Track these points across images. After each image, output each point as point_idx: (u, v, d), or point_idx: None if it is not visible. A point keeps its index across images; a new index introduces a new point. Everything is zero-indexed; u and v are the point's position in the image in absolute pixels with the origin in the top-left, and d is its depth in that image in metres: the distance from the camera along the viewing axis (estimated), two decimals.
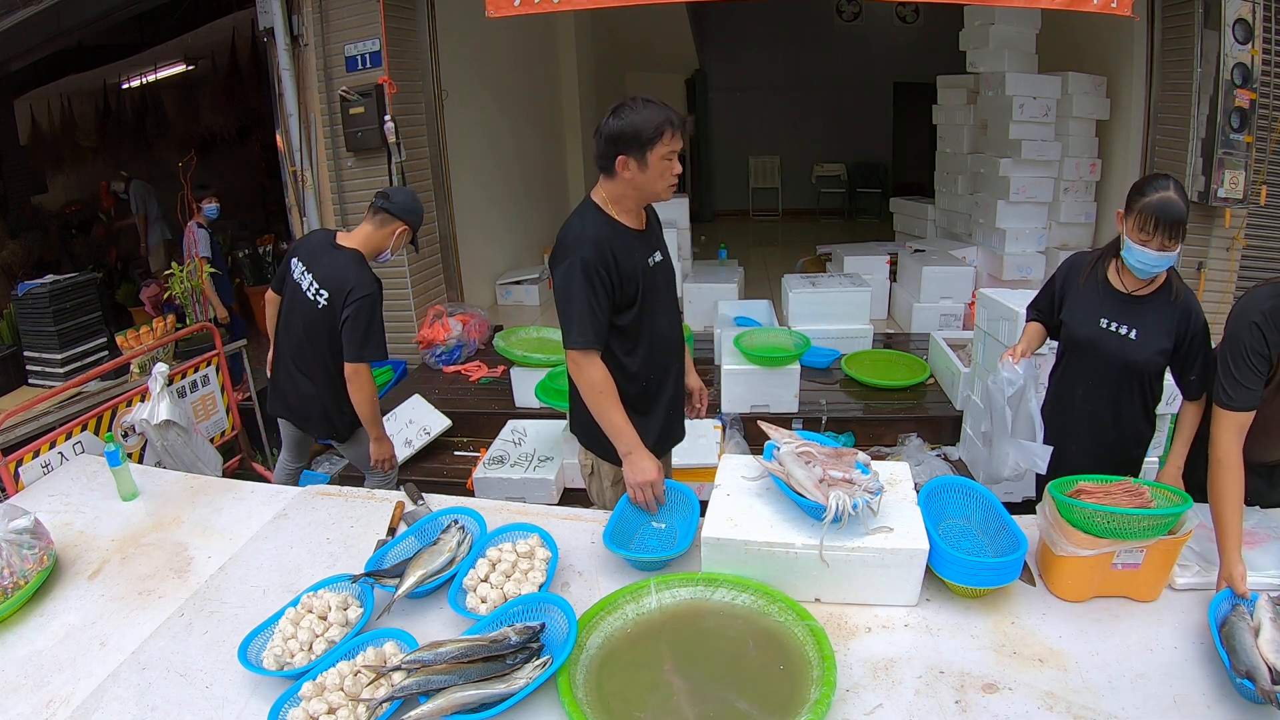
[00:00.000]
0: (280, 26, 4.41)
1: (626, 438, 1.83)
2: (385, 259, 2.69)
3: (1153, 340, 1.95)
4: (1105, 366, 2.03)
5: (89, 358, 3.58)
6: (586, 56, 8.07)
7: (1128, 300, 2.00)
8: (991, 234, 5.55)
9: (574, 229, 1.85)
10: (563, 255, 1.84)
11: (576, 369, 1.84)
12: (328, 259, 2.57)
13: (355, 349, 2.51)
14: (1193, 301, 1.96)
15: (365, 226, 2.62)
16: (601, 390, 1.83)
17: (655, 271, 1.97)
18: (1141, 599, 1.50)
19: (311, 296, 2.57)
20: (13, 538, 1.67)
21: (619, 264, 1.83)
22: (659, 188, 1.84)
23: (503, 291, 6.28)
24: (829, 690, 1.23)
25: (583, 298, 1.80)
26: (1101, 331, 2.02)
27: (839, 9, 9.64)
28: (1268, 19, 3.94)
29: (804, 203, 10.10)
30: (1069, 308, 2.11)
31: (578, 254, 1.80)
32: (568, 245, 1.84)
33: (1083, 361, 2.08)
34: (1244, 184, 3.99)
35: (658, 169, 1.80)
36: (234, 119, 7.73)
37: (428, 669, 1.28)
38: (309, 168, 4.69)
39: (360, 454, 2.88)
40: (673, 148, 1.80)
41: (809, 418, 3.90)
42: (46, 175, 8.01)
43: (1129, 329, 1.98)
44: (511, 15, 3.72)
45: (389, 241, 2.63)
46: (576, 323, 1.81)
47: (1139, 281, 1.97)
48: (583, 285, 1.79)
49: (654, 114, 1.76)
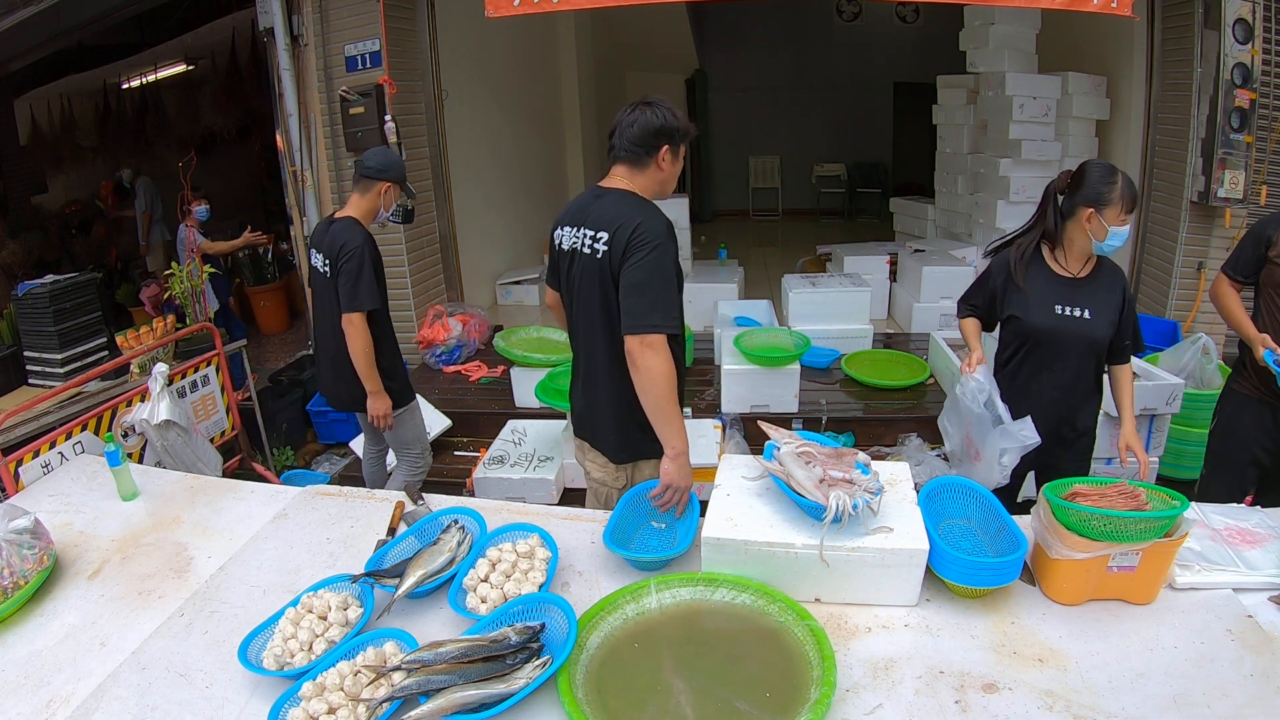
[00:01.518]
0: (280, 26, 4.41)
1: (684, 435, 1.80)
2: (384, 219, 2.82)
3: (1105, 315, 2.10)
4: (1068, 351, 2.13)
5: (89, 358, 3.58)
6: (586, 56, 8.07)
7: (1075, 283, 2.12)
8: (991, 234, 5.54)
9: (660, 218, 1.83)
10: (657, 238, 1.78)
11: (651, 353, 1.73)
12: (327, 235, 2.73)
13: (347, 299, 2.61)
14: (1121, 273, 2.18)
15: (353, 196, 2.76)
16: (673, 383, 1.78)
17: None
18: (1138, 602, 1.49)
19: (322, 270, 2.73)
20: (13, 538, 1.67)
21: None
22: (670, 186, 1.95)
23: (503, 291, 6.28)
24: (829, 690, 1.23)
25: (674, 280, 1.79)
26: (1059, 318, 2.11)
27: (839, 9, 9.64)
28: (1268, 19, 3.94)
29: (804, 203, 10.11)
30: (1017, 303, 2.17)
31: (671, 242, 1.81)
32: (662, 230, 1.80)
33: (1044, 351, 2.16)
34: (1244, 184, 3.99)
35: (676, 166, 1.92)
36: (234, 119, 7.72)
37: (428, 669, 1.28)
38: (309, 168, 4.69)
39: (394, 437, 2.95)
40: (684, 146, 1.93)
41: (809, 418, 3.90)
42: (46, 175, 8.00)
43: (1082, 310, 2.10)
44: (511, 15, 3.72)
45: (378, 202, 2.74)
46: (668, 304, 1.76)
47: (1080, 263, 2.13)
48: (674, 269, 1.80)
49: (681, 115, 1.89)
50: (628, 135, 1.85)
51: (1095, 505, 1.48)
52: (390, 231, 4.66)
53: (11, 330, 3.78)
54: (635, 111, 1.86)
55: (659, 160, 1.87)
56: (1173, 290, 4.36)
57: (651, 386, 1.76)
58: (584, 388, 2.05)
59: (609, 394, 1.94)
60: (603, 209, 1.85)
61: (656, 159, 1.87)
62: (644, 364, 1.74)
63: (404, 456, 3.01)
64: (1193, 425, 3.36)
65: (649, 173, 1.89)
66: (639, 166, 1.88)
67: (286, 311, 6.49)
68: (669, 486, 1.79)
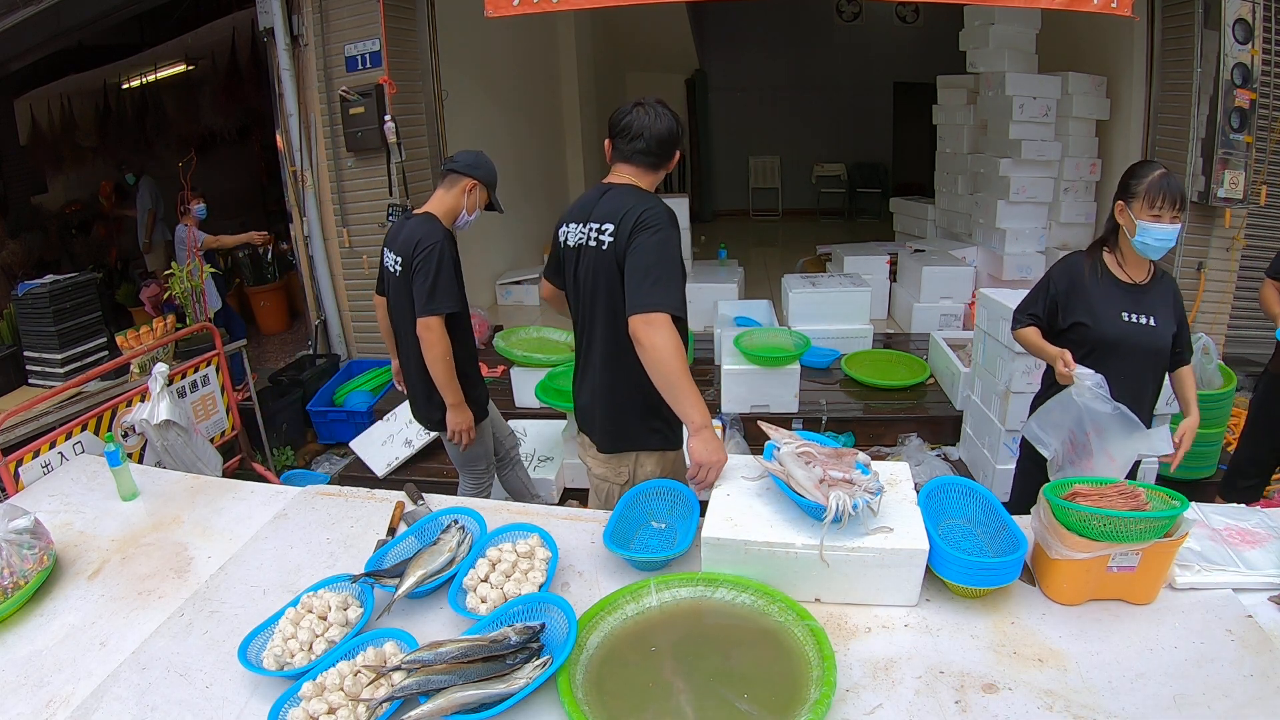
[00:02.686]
0: (280, 26, 4.41)
1: (703, 409, 1.75)
2: (465, 222, 2.58)
3: (1167, 323, 2.11)
4: (1137, 359, 2.12)
5: (89, 358, 3.58)
6: (586, 56, 8.07)
7: (1138, 290, 2.12)
8: (991, 234, 5.56)
9: (664, 206, 1.84)
10: (661, 223, 1.80)
11: (654, 330, 1.71)
12: (402, 232, 2.52)
13: (423, 301, 2.37)
14: (1173, 282, 2.19)
15: (436, 192, 2.58)
16: (682, 355, 1.75)
17: None
18: (1138, 602, 1.49)
19: (394, 270, 2.52)
20: (13, 538, 1.67)
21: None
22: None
23: (503, 291, 6.28)
24: (829, 690, 1.23)
25: (680, 264, 1.81)
26: (1128, 325, 2.10)
27: (839, 9, 9.64)
28: (1268, 19, 3.94)
29: (804, 203, 10.11)
30: (1085, 310, 2.13)
31: (674, 229, 1.83)
32: (666, 217, 1.82)
33: (1114, 360, 2.11)
34: (1244, 184, 3.99)
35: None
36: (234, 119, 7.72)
37: (428, 669, 1.28)
38: (309, 168, 4.69)
39: (455, 451, 2.72)
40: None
41: (809, 418, 3.90)
42: (46, 175, 8.00)
43: (1147, 318, 2.09)
44: (510, 15, 3.72)
45: (461, 200, 2.53)
46: (672, 286, 1.76)
47: (1141, 270, 2.12)
48: (679, 254, 1.82)
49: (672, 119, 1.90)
50: (652, 140, 1.85)
51: (1095, 505, 1.48)
52: None
53: (11, 330, 3.78)
54: (652, 116, 1.85)
55: (671, 164, 1.94)
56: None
57: (659, 364, 1.71)
58: (583, 380, 2.06)
59: (603, 382, 1.96)
60: (608, 203, 1.86)
61: (669, 164, 1.93)
62: (649, 341, 1.71)
63: (468, 472, 2.79)
64: None
65: (659, 174, 1.93)
66: (654, 170, 1.91)
67: (286, 311, 6.49)
68: (700, 464, 1.73)
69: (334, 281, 4.96)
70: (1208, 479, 3.45)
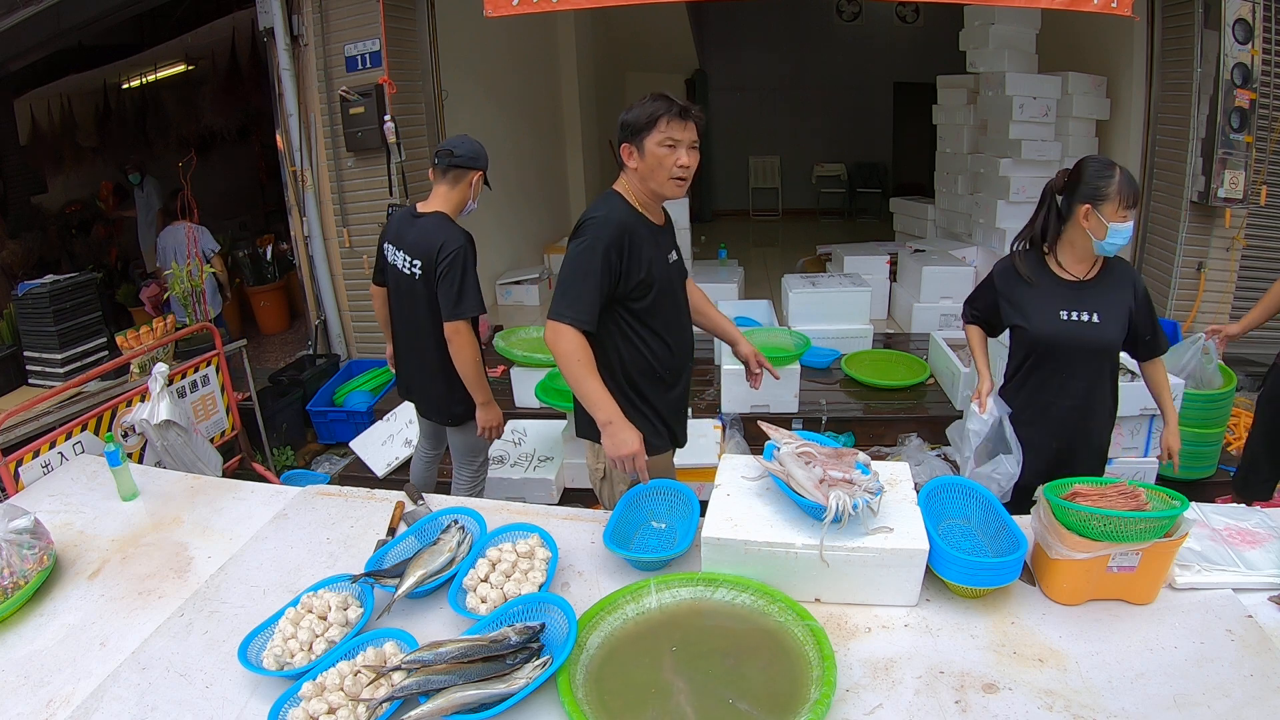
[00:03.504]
0: (280, 26, 4.41)
1: (605, 407, 1.78)
2: (470, 210, 2.65)
3: (1115, 318, 2.02)
4: (1076, 357, 2.05)
5: (89, 358, 3.58)
6: (586, 56, 8.07)
7: (1079, 286, 2.04)
8: (991, 234, 5.56)
9: (599, 210, 1.87)
10: (583, 231, 1.85)
11: (554, 337, 1.81)
12: (413, 230, 2.54)
13: (451, 306, 2.45)
14: (1132, 269, 2.09)
15: (439, 188, 2.57)
16: (579, 359, 1.79)
17: (672, 267, 2.02)
18: (1138, 602, 1.49)
19: (408, 271, 2.54)
20: (13, 538, 1.67)
21: (636, 250, 1.85)
22: (660, 178, 1.85)
23: (503, 291, 6.28)
24: (829, 690, 1.23)
25: (588, 275, 1.80)
26: (1065, 324, 2.03)
27: (839, 9, 9.64)
28: (1268, 19, 3.94)
29: (804, 203, 10.11)
30: (1021, 310, 2.09)
31: (600, 233, 1.82)
32: (587, 225, 1.85)
33: (1052, 359, 2.08)
34: (1244, 184, 3.99)
35: (654, 157, 1.83)
36: (234, 119, 7.73)
37: (428, 669, 1.28)
38: (309, 168, 4.69)
39: (464, 443, 2.80)
40: (669, 134, 1.81)
41: (809, 418, 3.90)
42: (46, 175, 8.00)
43: (1090, 314, 2.01)
44: (510, 15, 3.72)
45: (468, 193, 2.59)
46: (574, 297, 1.80)
47: (1083, 266, 2.04)
48: (593, 263, 1.80)
49: (650, 104, 1.81)
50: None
51: (1095, 505, 1.48)
52: None
53: (11, 330, 3.77)
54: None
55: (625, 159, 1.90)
56: (1173, 290, 4.36)
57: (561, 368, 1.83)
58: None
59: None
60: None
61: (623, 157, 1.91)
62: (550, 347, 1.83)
63: (466, 465, 2.87)
64: (1193, 425, 3.36)
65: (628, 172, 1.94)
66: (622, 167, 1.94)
67: (287, 311, 6.48)
68: (611, 458, 1.79)
69: (334, 281, 4.96)
70: (1208, 479, 3.45)
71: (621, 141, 1.88)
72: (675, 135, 1.82)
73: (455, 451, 2.86)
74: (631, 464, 1.77)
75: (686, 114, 1.82)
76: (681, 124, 1.82)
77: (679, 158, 1.83)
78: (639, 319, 1.92)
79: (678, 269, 2.07)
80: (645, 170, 1.86)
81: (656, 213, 1.98)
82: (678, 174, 1.85)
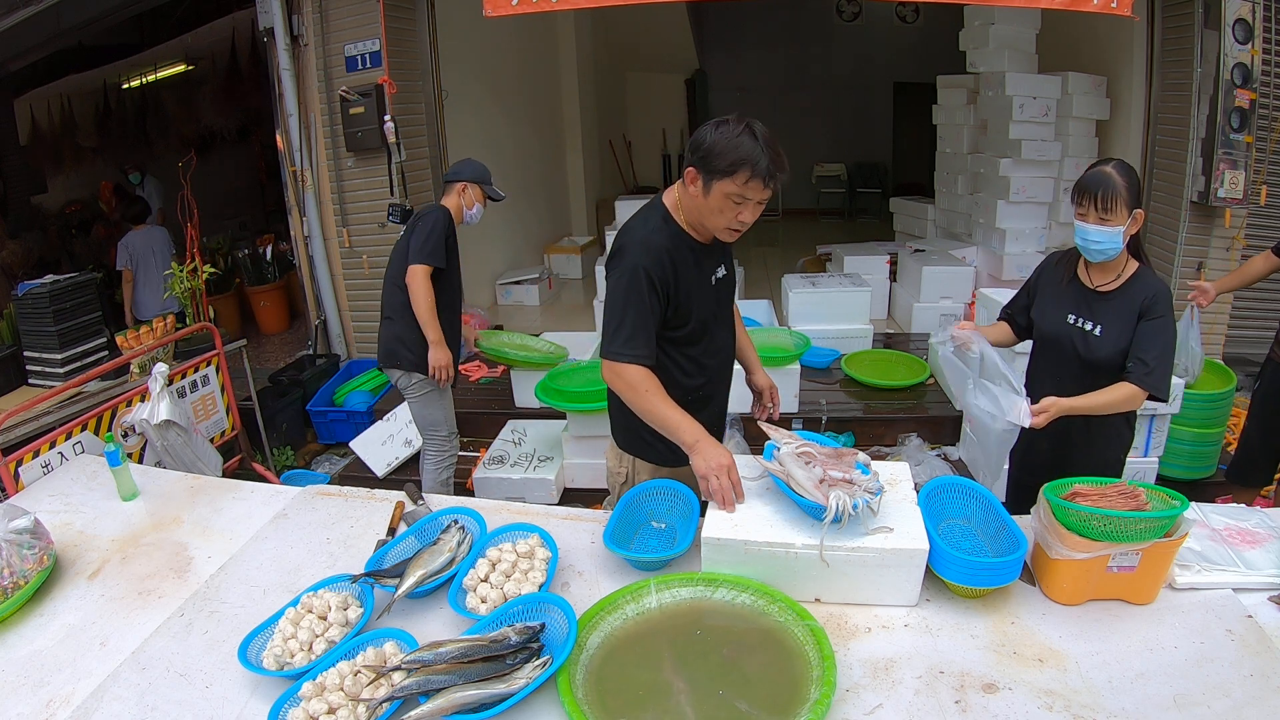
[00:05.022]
0: (280, 26, 4.41)
1: (688, 429, 1.69)
2: (471, 218, 3.09)
3: (1117, 336, 1.94)
4: (1070, 363, 2.03)
5: (89, 358, 3.58)
6: (586, 56, 8.07)
7: (1095, 296, 2.01)
8: (991, 234, 5.56)
9: (637, 233, 1.75)
10: (620, 259, 1.74)
11: (613, 375, 1.75)
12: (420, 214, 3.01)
13: (415, 252, 2.86)
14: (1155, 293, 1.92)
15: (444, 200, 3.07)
16: (647, 389, 1.72)
17: (718, 287, 1.89)
18: (1138, 602, 1.49)
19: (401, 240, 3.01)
20: (13, 538, 1.67)
21: (678, 278, 1.74)
22: (716, 223, 1.71)
23: (503, 291, 6.28)
24: (829, 690, 1.23)
25: (640, 309, 1.71)
26: (1068, 327, 2.02)
27: (839, 9, 9.64)
28: (1268, 19, 3.95)
29: (804, 203, 10.11)
30: (1039, 304, 2.12)
31: (638, 260, 1.70)
32: (628, 250, 1.73)
33: (1049, 358, 2.09)
34: (1244, 184, 4.00)
35: (717, 204, 1.66)
36: (234, 119, 7.73)
37: (428, 669, 1.28)
38: (309, 168, 4.69)
39: (420, 414, 3.17)
40: (743, 191, 1.62)
41: (809, 418, 3.90)
42: (46, 175, 8.00)
43: (1094, 325, 1.98)
44: (510, 15, 3.73)
45: (459, 200, 3.04)
46: (627, 334, 1.71)
47: (1104, 276, 2.00)
48: (638, 295, 1.70)
49: (741, 146, 1.59)
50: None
51: (1095, 505, 1.48)
52: (390, 232, 4.67)
53: (11, 330, 3.78)
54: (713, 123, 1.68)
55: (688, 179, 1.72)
56: (1173, 290, 4.35)
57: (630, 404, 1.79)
58: None
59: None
60: None
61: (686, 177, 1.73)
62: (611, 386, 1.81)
63: (430, 439, 3.18)
64: (1193, 425, 3.36)
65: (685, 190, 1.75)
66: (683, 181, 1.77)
67: (286, 311, 6.49)
68: (702, 475, 1.66)
69: (334, 281, 4.96)
70: (1208, 479, 3.46)
71: (692, 163, 1.67)
72: (749, 194, 1.63)
73: (418, 427, 3.21)
74: (726, 476, 1.64)
75: (772, 179, 1.62)
76: (762, 187, 1.63)
77: (742, 213, 1.67)
78: (675, 345, 1.84)
79: (723, 288, 1.92)
80: (704, 207, 1.69)
81: (705, 232, 1.81)
82: (735, 226, 1.70)
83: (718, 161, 1.61)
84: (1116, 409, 1.95)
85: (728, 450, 1.69)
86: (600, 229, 7.71)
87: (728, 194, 1.63)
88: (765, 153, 1.59)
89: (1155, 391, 1.89)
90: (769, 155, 1.60)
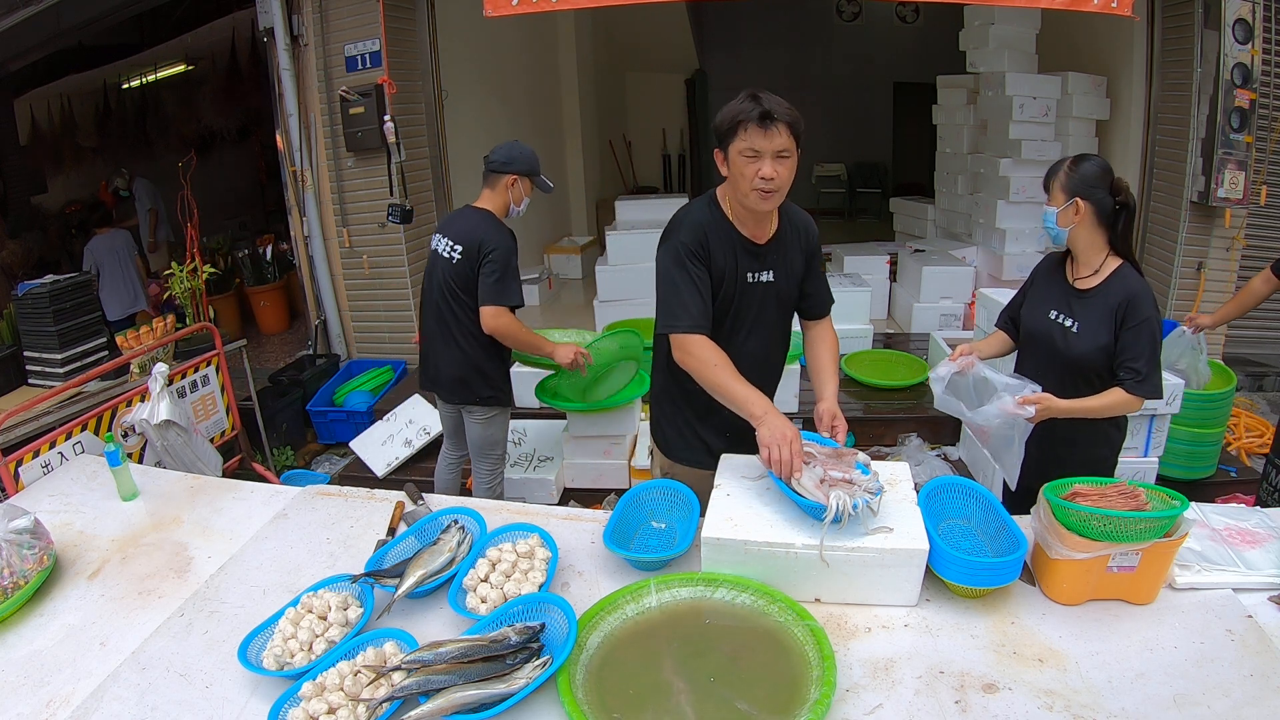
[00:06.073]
0: (280, 26, 4.41)
1: (756, 401, 1.68)
2: (516, 213, 2.80)
3: (1094, 335, 1.93)
4: (1050, 360, 2.03)
5: (89, 358, 3.58)
6: (586, 56, 8.07)
7: (1074, 293, 2.01)
8: (991, 234, 5.55)
9: (680, 215, 1.82)
10: (663, 238, 1.82)
11: (683, 352, 1.76)
12: (461, 220, 2.74)
13: (494, 294, 2.62)
14: (1134, 290, 1.89)
15: (484, 192, 2.77)
16: (716, 364, 1.73)
17: (756, 288, 1.86)
18: (1138, 602, 1.49)
19: (447, 254, 2.70)
20: (13, 538, 1.67)
21: (710, 254, 1.77)
22: (743, 189, 1.69)
23: None
24: (829, 690, 1.23)
25: (684, 280, 1.75)
26: (1049, 322, 2.03)
27: (839, 9, 9.64)
28: (1268, 19, 3.95)
29: (804, 203, 9.95)
30: (1029, 302, 2.14)
31: (677, 236, 1.77)
32: (669, 231, 1.81)
33: (1032, 355, 2.10)
34: (1244, 184, 4.00)
35: (738, 169, 1.68)
36: (234, 119, 7.73)
37: (428, 669, 1.28)
38: (309, 168, 4.69)
39: (481, 435, 2.92)
40: (750, 144, 1.63)
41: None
42: (46, 175, 8.01)
43: (1073, 322, 1.98)
44: (510, 15, 3.72)
45: (506, 196, 2.74)
46: (679, 306, 1.75)
47: (1083, 270, 2.01)
48: (682, 268, 1.75)
49: (735, 106, 1.66)
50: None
51: (1095, 505, 1.48)
52: (390, 232, 4.67)
53: (11, 330, 3.78)
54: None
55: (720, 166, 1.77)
56: (1172, 290, 4.36)
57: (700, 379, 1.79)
58: None
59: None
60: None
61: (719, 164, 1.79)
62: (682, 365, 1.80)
63: (485, 458, 2.97)
64: (1192, 425, 3.36)
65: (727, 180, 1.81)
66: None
67: (286, 311, 6.49)
68: (765, 444, 1.63)
69: (334, 281, 4.96)
70: (1208, 479, 3.46)
71: (716, 148, 1.74)
72: (757, 145, 1.63)
73: (473, 446, 2.97)
74: (789, 447, 1.60)
75: (769, 119, 1.61)
76: (762, 131, 1.62)
77: (761, 168, 1.65)
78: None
79: (766, 293, 1.88)
80: (732, 180, 1.71)
81: (754, 226, 1.81)
82: (760, 185, 1.66)
83: (723, 128, 1.69)
84: (1111, 413, 1.96)
85: (793, 425, 1.68)
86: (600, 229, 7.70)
87: (740, 152, 1.67)
88: (759, 98, 1.64)
89: (1150, 397, 1.91)
90: (763, 99, 1.64)
